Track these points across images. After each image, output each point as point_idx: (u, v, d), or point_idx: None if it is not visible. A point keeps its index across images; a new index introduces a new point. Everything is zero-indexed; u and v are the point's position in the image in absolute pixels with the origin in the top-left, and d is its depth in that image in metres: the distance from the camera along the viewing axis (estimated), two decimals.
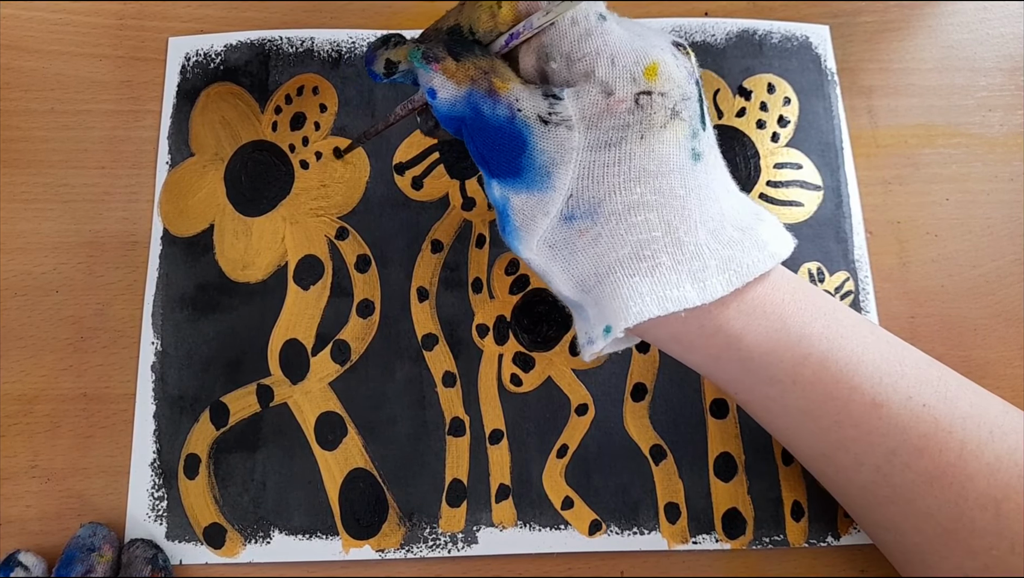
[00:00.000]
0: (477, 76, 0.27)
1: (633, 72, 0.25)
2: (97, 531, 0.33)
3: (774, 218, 0.29)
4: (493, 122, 0.27)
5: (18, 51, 0.41)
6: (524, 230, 0.27)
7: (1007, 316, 0.39)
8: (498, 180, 0.28)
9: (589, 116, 0.26)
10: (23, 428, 0.35)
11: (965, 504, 0.26)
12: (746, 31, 0.42)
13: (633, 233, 0.26)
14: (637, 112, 0.25)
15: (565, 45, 0.26)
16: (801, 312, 0.27)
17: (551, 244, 0.27)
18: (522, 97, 0.26)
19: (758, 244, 0.27)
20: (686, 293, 0.25)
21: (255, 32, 0.41)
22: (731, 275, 0.26)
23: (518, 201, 0.27)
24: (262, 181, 0.39)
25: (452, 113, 0.28)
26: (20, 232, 0.38)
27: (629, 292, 0.26)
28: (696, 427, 0.36)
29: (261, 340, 0.37)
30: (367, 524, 0.35)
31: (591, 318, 0.27)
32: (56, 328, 0.37)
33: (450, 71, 0.27)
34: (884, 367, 0.27)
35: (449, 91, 0.27)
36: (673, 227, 0.26)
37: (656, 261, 0.26)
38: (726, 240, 0.26)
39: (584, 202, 0.26)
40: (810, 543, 0.35)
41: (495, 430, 0.36)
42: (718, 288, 0.26)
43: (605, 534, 0.35)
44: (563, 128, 0.26)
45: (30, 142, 0.39)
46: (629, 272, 0.26)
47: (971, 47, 0.43)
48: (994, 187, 0.41)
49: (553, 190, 0.26)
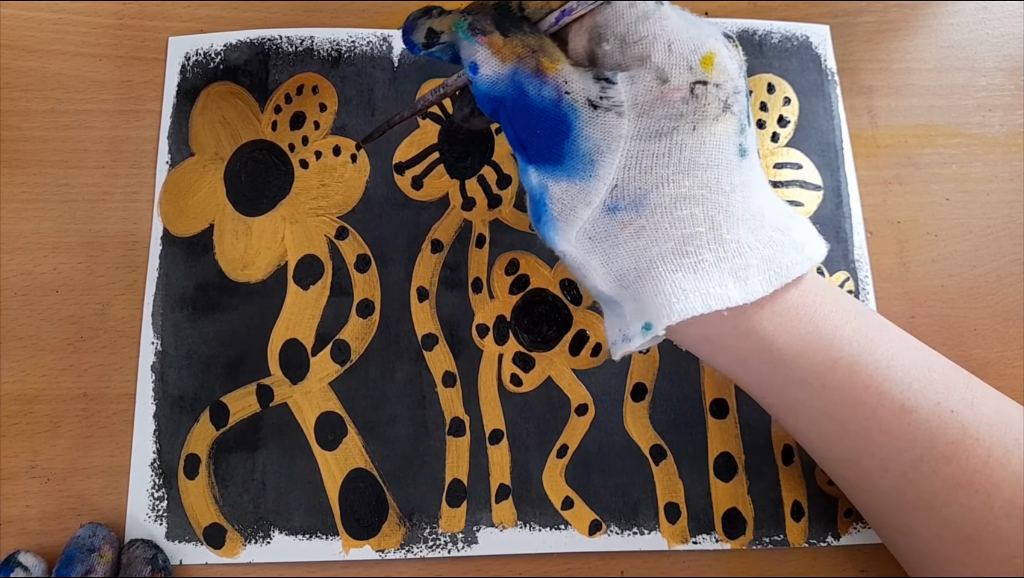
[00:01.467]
0: (524, 53, 0.25)
1: (690, 60, 0.24)
2: (97, 531, 0.33)
3: (806, 220, 0.28)
4: (538, 104, 0.25)
5: (18, 51, 0.41)
6: (563, 220, 0.26)
7: (1007, 316, 0.39)
8: (536, 166, 0.26)
9: (641, 103, 0.25)
10: (23, 428, 0.35)
11: (991, 512, 0.26)
12: (746, 31, 0.42)
13: (678, 227, 0.25)
14: (692, 102, 0.24)
15: (620, 26, 0.25)
16: (832, 315, 0.27)
17: (591, 236, 0.26)
18: (572, 79, 0.25)
19: (796, 245, 0.26)
20: (729, 291, 0.25)
21: (255, 31, 0.41)
22: (771, 275, 0.25)
23: (558, 189, 0.26)
24: (262, 181, 0.39)
25: (493, 92, 0.26)
26: (20, 232, 0.38)
27: (672, 288, 0.25)
28: (696, 427, 0.36)
29: (261, 340, 0.37)
30: (367, 524, 0.35)
31: (628, 315, 0.26)
32: (56, 328, 0.37)
33: (496, 46, 0.26)
34: (913, 372, 0.27)
35: (493, 67, 0.26)
36: (717, 223, 0.25)
37: (699, 257, 0.25)
38: (766, 239, 0.26)
39: (629, 193, 0.25)
40: (810, 543, 0.35)
41: (495, 430, 0.36)
42: (758, 288, 0.25)
43: (605, 534, 0.35)
44: (613, 114, 0.25)
45: (30, 142, 0.39)
46: (672, 267, 0.25)
47: (971, 47, 0.43)
48: (994, 187, 0.41)
49: (597, 179, 0.25)
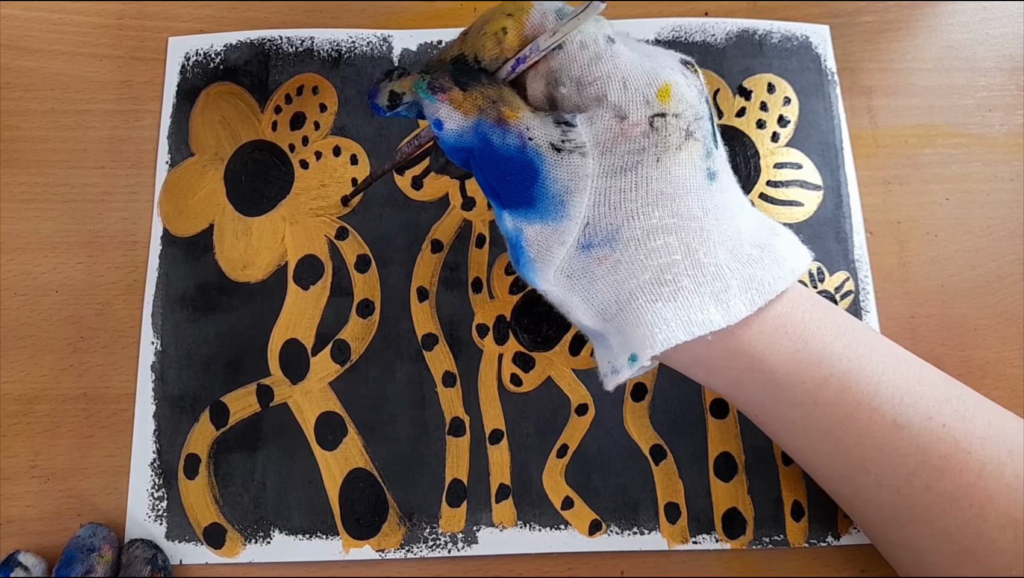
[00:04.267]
0: (485, 105, 0.26)
1: (646, 94, 0.25)
2: (97, 531, 0.33)
3: (789, 232, 0.28)
4: (503, 152, 0.26)
5: (18, 51, 0.41)
6: (540, 261, 0.27)
7: (1007, 316, 0.38)
8: (510, 211, 0.27)
9: (603, 141, 0.25)
10: (23, 428, 0.35)
11: (985, 524, 0.26)
12: (746, 31, 0.42)
13: (653, 258, 0.25)
14: (652, 135, 0.25)
15: (575, 69, 0.25)
16: (821, 331, 0.27)
17: (568, 274, 0.27)
18: (533, 125, 0.26)
19: (777, 260, 0.26)
20: (710, 316, 0.25)
21: (255, 32, 0.41)
22: (753, 294, 0.26)
23: (532, 232, 0.26)
24: (262, 181, 0.39)
25: (460, 144, 0.27)
26: (20, 232, 0.38)
27: (653, 318, 0.25)
28: (696, 427, 0.36)
29: (261, 340, 0.37)
30: (367, 524, 0.35)
31: (614, 347, 0.27)
32: (56, 328, 0.37)
33: (457, 101, 0.26)
34: (904, 387, 0.27)
35: (456, 122, 0.27)
36: (693, 249, 0.25)
37: (678, 285, 0.25)
38: (745, 258, 0.26)
39: (601, 229, 0.26)
40: (810, 543, 0.35)
41: (495, 430, 0.36)
42: (742, 308, 0.25)
43: (605, 534, 0.35)
44: (576, 155, 0.25)
45: (30, 142, 0.39)
46: (651, 298, 0.25)
47: (971, 47, 0.43)
48: (994, 187, 0.41)
49: (568, 219, 0.26)
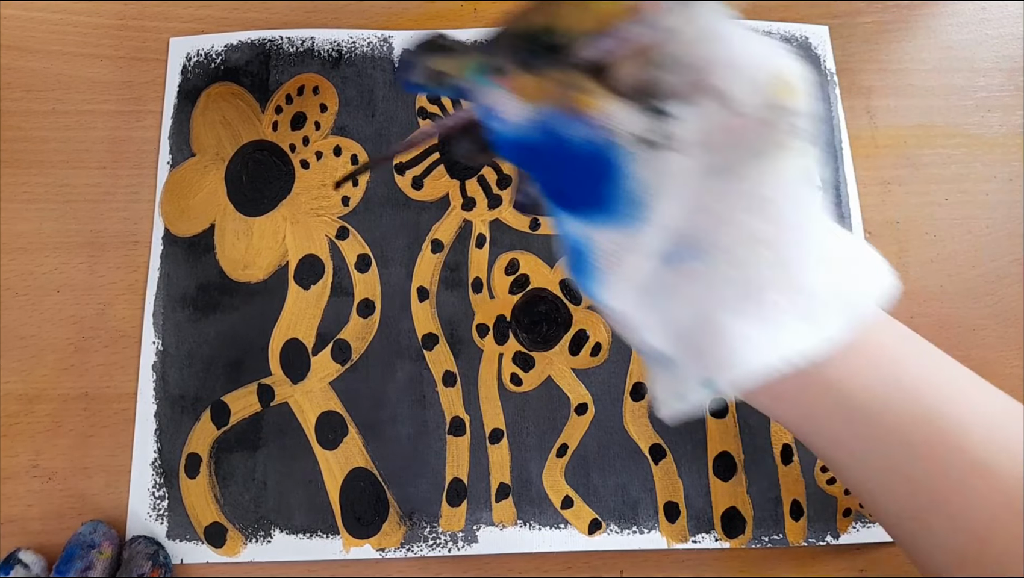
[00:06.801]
0: (557, 92, 0.22)
1: (761, 85, 0.21)
2: (98, 528, 0.33)
3: (874, 251, 0.25)
4: (576, 147, 0.22)
5: (19, 51, 0.41)
6: (609, 272, 0.23)
7: (1006, 316, 0.39)
8: (575, 213, 0.23)
9: (704, 136, 0.21)
10: (24, 428, 0.36)
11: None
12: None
13: (743, 270, 0.22)
14: (763, 132, 0.21)
15: (683, 50, 0.21)
16: (918, 365, 0.25)
17: (645, 289, 0.23)
18: (618, 116, 0.21)
19: (871, 278, 0.24)
20: (803, 338, 0.22)
21: (256, 32, 0.41)
22: (849, 318, 0.23)
23: (603, 239, 0.23)
24: (263, 181, 0.39)
25: (519, 137, 0.23)
26: (21, 232, 0.38)
27: (739, 340, 0.22)
28: (696, 426, 0.36)
29: (262, 340, 0.37)
30: (367, 523, 0.35)
31: (683, 369, 0.24)
32: (57, 328, 0.37)
33: (523, 88, 0.22)
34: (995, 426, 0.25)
35: (518, 112, 0.22)
36: (788, 262, 0.22)
37: (769, 302, 0.22)
38: (840, 275, 0.23)
39: (692, 238, 0.22)
40: (809, 542, 0.35)
41: (495, 429, 0.36)
42: (837, 333, 0.22)
43: (605, 533, 0.35)
44: (668, 151, 0.22)
45: (31, 142, 0.39)
46: (735, 315, 0.22)
47: (970, 48, 0.43)
48: (993, 187, 0.41)
49: (651, 225, 0.22)
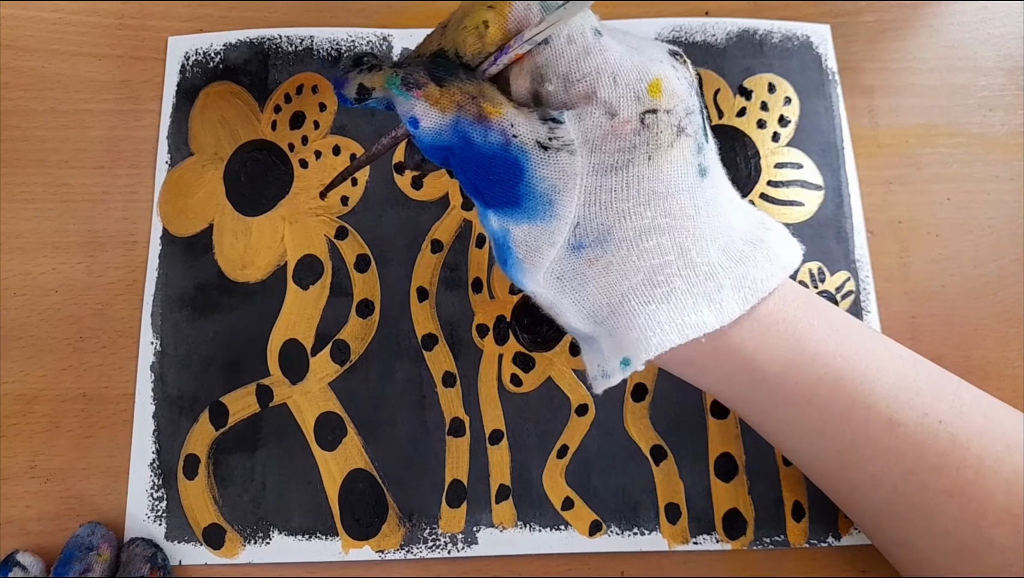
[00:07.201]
0: (464, 101, 0.25)
1: (637, 90, 0.24)
2: (96, 530, 0.33)
3: (780, 225, 0.28)
4: (485, 150, 0.25)
5: (18, 51, 0.41)
6: (528, 262, 0.26)
7: (1008, 316, 0.38)
8: (495, 211, 0.26)
9: (592, 139, 0.24)
10: (22, 428, 0.35)
11: (984, 521, 0.26)
12: (747, 31, 0.42)
13: (645, 259, 0.25)
14: (643, 132, 0.24)
15: (562, 65, 0.24)
16: (814, 329, 0.27)
17: (559, 275, 0.26)
18: (517, 122, 0.24)
19: (769, 257, 0.26)
20: (704, 317, 0.24)
21: (254, 31, 0.41)
22: (746, 293, 0.25)
23: (520, 232, 0.26)
24: (261, 180, 0.39)
25: (437, 143, 0.26)
26: (19, 232, 0.38)
27: (647, 321, 0.24)
28: (696, 427, 0.36)
29: (260, 340, 0.37)
30: (367, 525, 0.35)
31: (605, 350, 0.26)
32: (55, 328, 0.37)
33: (433, 97, 0.25)
34: (899, 384, 0.27)
35: (433, 119, 0.25)
36: (686, 249, 0.25)
37: (671, 286, 0.25)
38: (737, 256, 0.25)
39: (592, 229, 0.25)
40: (811, 543, 0.35)
41: (495, 430, 0.36)
42: (735, 308, 0.25)
43: (605, 534, 0.35)
44: (564, 153, 0.24)
45: (29, 142, 0.39)
46: (644, 300, 0.25)
47: (972, 47, 0.43)
48: (995, 187, 0.41)
49: (558, 219, 0.25)
